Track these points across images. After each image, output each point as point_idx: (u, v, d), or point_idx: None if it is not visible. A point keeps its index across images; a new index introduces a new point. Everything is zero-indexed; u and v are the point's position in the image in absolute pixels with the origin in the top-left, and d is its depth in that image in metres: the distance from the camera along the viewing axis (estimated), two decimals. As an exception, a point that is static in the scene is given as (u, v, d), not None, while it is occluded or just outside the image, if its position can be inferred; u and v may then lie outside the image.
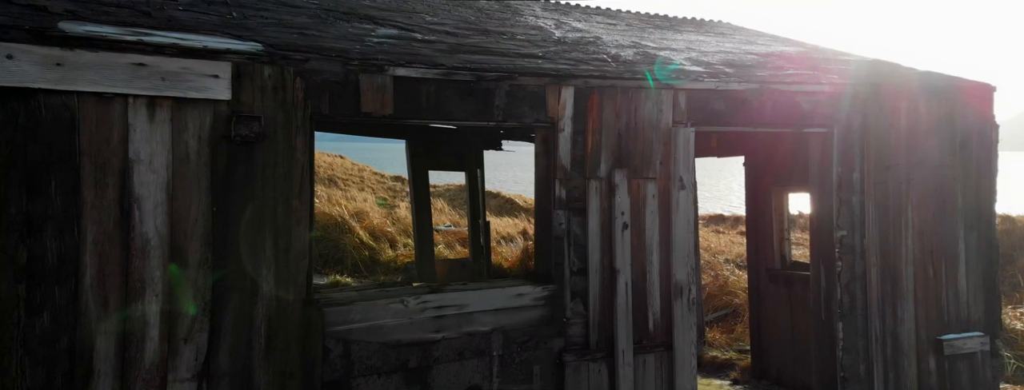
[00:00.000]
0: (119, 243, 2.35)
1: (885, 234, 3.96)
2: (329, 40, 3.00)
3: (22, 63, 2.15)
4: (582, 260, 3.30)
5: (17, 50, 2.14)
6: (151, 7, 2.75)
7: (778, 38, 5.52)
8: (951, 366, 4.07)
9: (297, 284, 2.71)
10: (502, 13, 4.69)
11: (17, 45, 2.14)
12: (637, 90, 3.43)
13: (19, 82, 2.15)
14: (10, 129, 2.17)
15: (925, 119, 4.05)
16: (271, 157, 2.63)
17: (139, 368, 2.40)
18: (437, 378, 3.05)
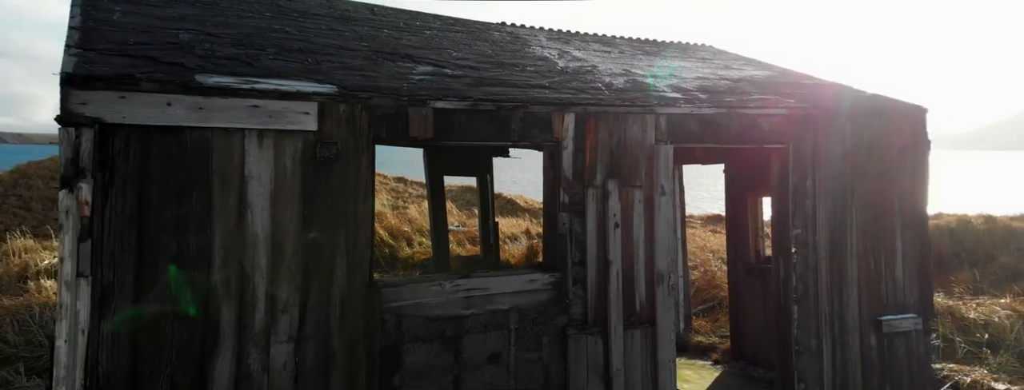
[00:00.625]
0: (238, 238, 3.17)
1: (833, 232, 4.77)
2: (383, 79, 3.82)
3: (176, 108, 2.97)
4: (582, 253, 4.11)
5: (173, 99, 2.96)
6: (250, 58, 3.56)
7: (752, 62, 6.33)
8: (889, 342, 4.89)
9: (362, 271, 3.52)
10: (513, 44, 5.50)
11: (173, 95, 2.96)
12: (626, 115, 4.24)
13: (174, 122, 2.96)
14: (166, 155, 2.99)
15: (867, 136, 4.86)
16: (344, 173, 3.44)
17: (251, 332, 3.21)
18: (467, 346, 3.86)
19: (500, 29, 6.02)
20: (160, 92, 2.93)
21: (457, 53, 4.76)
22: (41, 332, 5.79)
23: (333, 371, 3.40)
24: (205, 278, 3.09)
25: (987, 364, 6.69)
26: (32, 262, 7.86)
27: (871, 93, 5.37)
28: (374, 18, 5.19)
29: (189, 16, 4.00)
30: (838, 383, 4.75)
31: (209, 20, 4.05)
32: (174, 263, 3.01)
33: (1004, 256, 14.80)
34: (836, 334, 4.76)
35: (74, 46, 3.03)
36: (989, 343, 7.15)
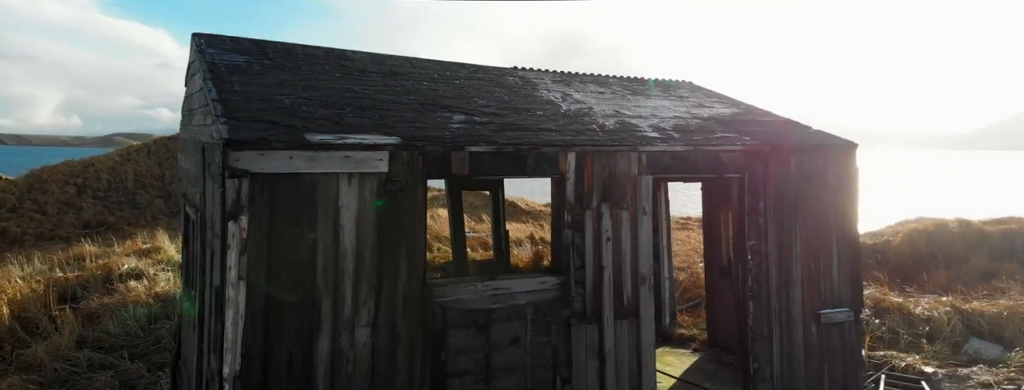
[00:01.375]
0: (333, 250, 4.39)
1: (781, 242, 6.00)
2: (430, 129, 5.04)
3: (296, 160, 4.20)
4: (581, 260, 5.33)
5: (293, 153, 4.19)
6: (337, 117, 4.79)
7: (723, 99, 7.57)
8: (826, 331, 6.11)
9: (418, 274, 4.74)
10: (524, 89, 6.73)
11: (293, 151, 4.18)
12: (615, 153, 5.47)
13: (294, 170, 4.20)
14: (287, 194, 4.21)
15: (808, 166, 6.10)
16: (405, 202, 4.67)
17: (342, 318, 4.43)
18: (494, 331, 5.08)
19: (513, 74, 7.26)
20: (285, 149, 4.16)
21: (482, 101, 5.99)
22: (136, 324, 7.00)
23: (398, 349, 4.63)
24: (311, 279, 4.32)
25: (923, 352, 7.94)
26: (114, 266, 9.05)
27: (815, 130, 6.60)
28: (414, 71, 6.42)
29: (284, 82, 5.23)
30: (784, 363, 5.98)
31: (298, 84, 5.27)
32: (291, 268, 4.24)
33: (976, 258, 16.17)
34: (783, 324, 5.99)
35: (222, 116, 4.26)
36: (928, 335, 8.40)
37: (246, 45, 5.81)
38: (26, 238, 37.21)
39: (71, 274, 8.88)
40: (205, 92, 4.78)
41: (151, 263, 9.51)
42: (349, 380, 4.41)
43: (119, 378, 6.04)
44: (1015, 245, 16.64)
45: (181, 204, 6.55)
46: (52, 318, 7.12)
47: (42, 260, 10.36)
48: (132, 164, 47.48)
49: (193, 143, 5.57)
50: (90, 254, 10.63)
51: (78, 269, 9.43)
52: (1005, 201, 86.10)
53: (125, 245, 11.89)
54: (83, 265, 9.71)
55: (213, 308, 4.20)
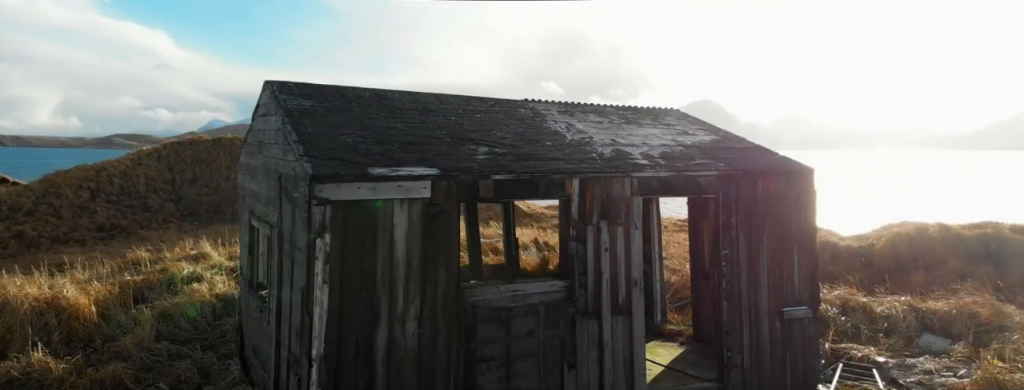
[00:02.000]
0: (388, 260, 5.58)
1: (750, 252, 7.19)
2: (461, 161, 6.23)
3: (362, 190, 5.39)
4: (584, 267, 6.51)
5: (360, 184, 5.37)
6: (388, 153, 5.97)
7: (705, 127, 8.77)
8: (788, 325, 7.30)
9: (454, 279, 5.92)
10: (534, 120, 7.93)
11: (360, 183, 5.37)
12: (611, 178, 6.66)
13: (360, 197, 5.39)
14: (355, 216, 5.40)
15: (773, 188, 7.29)
16: (443, 221, 5.85)
17: (395, 314, 5.61)
18: (514, 325, 6.27)
19: (524, 105, 8.46)
20: (354, 182, 5.36)
21: (500, 133, 7.19)
22: (202, 320, 8.19)
23: (439, 338, 5.82)
24: (372, 283, 5.51)
25: (879, 344, 9.13)
26: (175, 270, 10.23)
27: (781, 156, 7.80)
28: (443, 107, 7.62)
29: (342, 122, 6.42)
30: (753, 353, 7.17)
31: (354, 123, 6.47)
32: (357, 275, 5.43)
33: (953, 261, 17.39)
34: (752, 320, 7.18)
35: (304, 156, 5.46)
36: (886, 330, 9.59)
37: (308, 90, 7.01)
38: (42, 241, 38.56)
39: (137, 277, 10.06)
40: (284, 133, 5.98)
41: (206, 267, 10.70)
42: (401, 362, 5.61)
43: (195, 366, 7.23)
44: (990, 248, 17.85)
45: (247, 218, 7.74)
46: (131, 315, 8.30)
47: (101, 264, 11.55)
48: (143, 168, 48.77)
49: (265, 171, 6.77)
50: (144, 259, 11.81)
51: (136, 273, 10.61)
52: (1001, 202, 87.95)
53: (174, 251, 13.06)
54: (140, 269, 10.89)
55: (299, 305, 5.39)
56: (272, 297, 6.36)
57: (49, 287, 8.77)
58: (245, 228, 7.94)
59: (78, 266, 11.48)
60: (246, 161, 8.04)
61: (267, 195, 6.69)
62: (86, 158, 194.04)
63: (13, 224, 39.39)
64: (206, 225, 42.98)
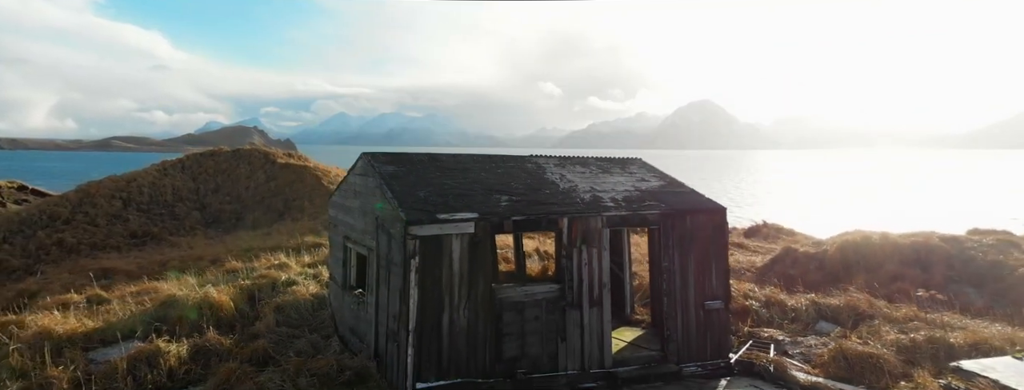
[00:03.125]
0: (449, 273, 9.10)
1: (682, 263, 10.73)
2: (491, 207, 9.76)
3: (433, 228, 8.92)
4: (570, 275, 10.04)
5: (433, 226, 8.91)
6: (446, 203, 9.49)
7: (657, 174, 12.30)
8: (708, 314, 10.84)
9: (488, 283, 9.44)
10: (538, 172, 11.46)
11: (433, 224, 8.91)
12: (588, 217, 10.20)
13: (433, 233, 8.92)
14: (431, 246, 8.94)
15: (697, 221, 10.83)
16: (481, 248, 9.38)
17: (454, 305, 9.14)
18: (526, 313, 9.79)
19: (531, 161, 12.01)
20: (429, 223, 8.90)
21: (515, 184, 10.73)
22: (306, 313, 11.71)
23: (479, 321, 9.35)
24: (439, 286, 9.03)
25: (785, 329, 12.67)
26: (276, 277, 13.73)
27: (706, 198, 11.34)
28: (476, 165, 11.16)
29: (415, 182, 9.94)
30: (684, 333, 10.69)
31: (422, 181, 9.99)
32: (431, 281, 8.96)
33: (889, 265, 20.99)
34: (684, 310, 10.71)
35: (400, 207, 8.98)
36: (792, 318, 13.13)
37: (390, 158, 10.57)
38: (82, 247, 42.44)
39: (246, 282, 13.54)
40: (381, 189, 9.52)
41: (295, 274, 14.18)
42: (457, 335, 9.14)
43: (308, 342, 10.74)
44: (919, 254, 21.42)
45: (340, 241, 11.26)
46: (255, 309, 11.78)
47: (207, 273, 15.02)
48: (170, 179, 52.51)
49: (362, 212, 10.31)
50: (239, 269, 15.31)
51: (237, 279, 14.08)
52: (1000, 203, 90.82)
53: (261, 261, 16.57)
54: (238, 276, 14.37)
55: (397, 299, 8.92)
56: (372, 294, 9.90)
57: (198, 288, 12.25)
58: (338, 248, 11.49)
59: (191, 274, 14.99)
60: (339, 201, 11.58)
61: (363, 228, 10.24)
62: (84, 161, 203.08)
63: (53, 232, 43.20)
64: (229, 232, 46.63)
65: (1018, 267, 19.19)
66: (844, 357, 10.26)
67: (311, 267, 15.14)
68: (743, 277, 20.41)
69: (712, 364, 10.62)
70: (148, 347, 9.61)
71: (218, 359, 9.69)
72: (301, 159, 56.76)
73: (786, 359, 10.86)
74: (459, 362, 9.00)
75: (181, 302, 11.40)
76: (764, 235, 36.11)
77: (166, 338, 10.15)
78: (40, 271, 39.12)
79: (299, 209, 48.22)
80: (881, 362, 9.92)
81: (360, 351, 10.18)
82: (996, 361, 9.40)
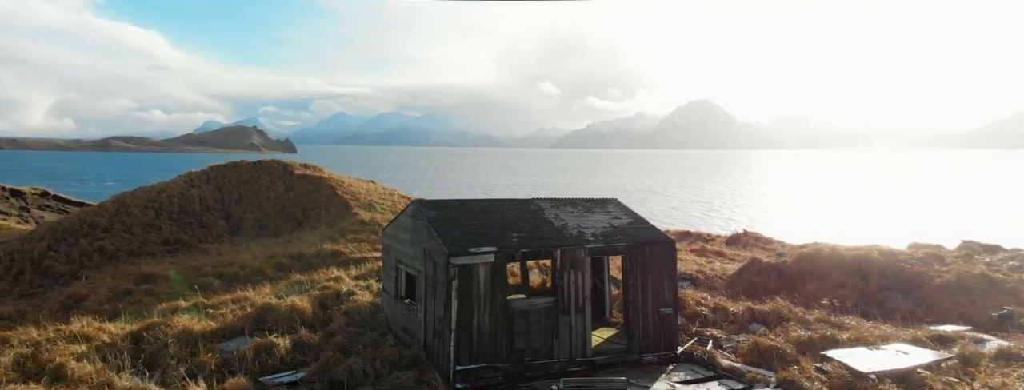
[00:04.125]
0: (477, 291, 13.14)
1: (643, 281, 14.78)
2: (506, 242, 13.80)
3: (466, 259, 12.96)
4: (562, 291, 14.07)
5: (467, 257, 12.97)
6: (474, 239, 13.52)
7: (627, 212, 16.33)
8: (662, 318, 14.89)
9: (505, 296, 13.47)
10: (539, 213, 15.50)
11: (466, 255, 12.96)
12: (575, 248, 14.24)
13: (466, 262, 12.96)
14: (465, 271, 12.99)
15: (654, 250, 14.87)
16: (499, 272, 13.41)
17: (479, 311, 13.17)
18: (531, 318, 13.81)
19: (533, 203, 16.04)
20: (464, 255, 12.93)
21: (522, 223, 14.77)
22: (366, 316, 15.75)
23: (498, 323, 13.38)
24: (470, 299, 13.07)
25: (724, 329, 16.72)
26: (338, 288, 17.75)
27: (661, 231, 15.35)
28: (493, 208, 15.18)
29: (452, 224, 13.94)
30: (644, 331, 14.72)
31: (457, 222, 14.00)
32: (465, 296, 12.99)
33: (836, 274, 25.10)
34: (644, 315, 14.75)
35: (444, 244, 13.00)
36: (731, 320, 17.16)
37: (433, 204, 14.60)
38: (120, 254, 46.80)
39: (317, 292, 17.54)
40: (428, 230, 13.55)
41: (352, 286, 18.17)
42: (483, 333, 13.16)
43: (371, 338, 14.75)
44: (860, 265, 25.50)
45: (392, 262, 15.30)
46: (327, 313, 15.80)
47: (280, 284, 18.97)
48: (197, 190, 56.80)
49: (412, 243, 14.34)
50: (303, 280, 19.31)
51: (304, 290, 18.08)
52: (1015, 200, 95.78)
53: (318, 274, 20.61)
54: (301, 287, 18.37)
55: (441, 308, 12.95)
56: (421, 303, 13.92)
57: (280, 297, 16.28)
58: (391, 268, 15.53)
59: (267, 285, 19.00)
60: (392, 234, 15.63)
61: (413, 255, 14.28)
62: (84, 161, 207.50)
63: (94, 240, 47.56)
64: (253, 239, 50.84)
65: (936, 277, 23.33)
66: (757, 349, 14.32)
67: (361, 279, 19.15)
68: (715, 284, 24.52)
69: (664, 354, 14.67)
70: (263, 341, 13.65)
71: (311, 350, 13.74)
72: (316, 170, 60.92)
73: (718, 351, 14.92)
74: (484, 351, 13.06)
75: (275, 308, 15.43)
76: (743, 243, 40.25)
77: (273, 334, 14.20)
78: (84, 276, 43.54)
79: (316, 217, 52.40)
80: (782, 352, 13.97)
81: (411, 344, 14.23)
82: (855, 351, 13.44)
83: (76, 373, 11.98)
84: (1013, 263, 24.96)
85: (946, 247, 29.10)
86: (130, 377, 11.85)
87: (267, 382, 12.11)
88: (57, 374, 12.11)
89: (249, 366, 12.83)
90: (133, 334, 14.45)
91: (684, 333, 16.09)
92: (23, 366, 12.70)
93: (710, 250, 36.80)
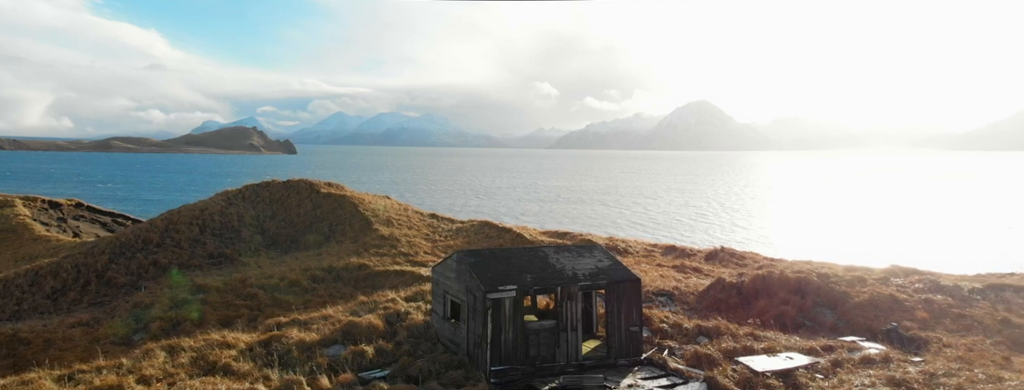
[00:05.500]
0: (504, 315, 19.45)
1: (618, 307, 21.11)
2: (523, 281, 20.10)
3: (497, 294, 19.27)
4: (563, 315, 20.40)
5: (497, 292, 19.27)
6: (501, 279, 19.83)
7: (608, 256, 22.63)
8: (631, 333, 21.22)
9: (522, 318, 19.78)
10: (545, 258, 21.83)
11: (497, 292, 19.26)
12: (570, 285, 20.57)
13: (497, 296, 19.27)
14: (496, 302, 19.31)
15: (625, 285, 21.20)
16: (519, 304, 19.72)
17: (506, 328, 19.50)
18: (541, 334, 20.13)
19: (543, 250, 22.37)
20: (495, 292, 19.25)
21: (535, 266, 21.10)
22: (422, 331, 22.06)
23: (518, 337, 19.69)
24: (500, 322, 19.37)
25: (677, 340, 23.08)
26: (398, 308, 24.08)
27: (631, 272, 21.65)
28: (513, 255, 21.48)
29: (486, 267, 20.20)
30: (618, 343, 21.03)
31: (488, 266, 20.26)
32: (495, 319, 19.30)
33: (781, 293, 31.43)
34: (618, 331, 21.08)
35: (481, 284, 19.29)
36: (684, 334, 23.54)
37: (472, 253, 20.88)
38: (172, 266, 53.43)
39: (381, 311, 23.76)
40: (469, 272, 19.84)
41: (407, 307, 24.36)
42: (508, 345, 19.46)
43: (427, 348, 21.02)
44: (801, 285, 31.84)
45: (441, 292, 21.62)
46: (392, 328, 22.06)
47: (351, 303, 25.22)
48: (235, 207, 63.33)
49: (457, 279, 20.64)
50: (366, 301, 25.57)
51: (367, 311, 24.32)
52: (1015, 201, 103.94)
53: (376, 296, 26.90)
54: (368, 307, 24.60)
55: (480, 327, 19.23)
56: (464, 323, 20.20)
57: (355, 314, 22.60)
58: (439, 296, 21.87)
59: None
60: (441, 271, 21.96)
61: (458, 289, 20.59)
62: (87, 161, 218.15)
63: (149, 254, 54.25)
64: (287, 252, 57.42)
65: (856, 297, 29.74)
66: (697, 355, 20.63)
67: (411, 301, 25.41)
68: (688, 299, 30.76)
69: (632, 359, 21.00)
70: (356, 348, 19.94)
71: (389, 355, 20.04)
72: (339, 188, 67.43)
73: (671, 356, 21.26)
74: (509, 357, 19.37)
75: (358, 324, 21.71)
76: (719, 259, 46.58)
77: (361, 344, 20.49)
78: (144, 287, 50.21)
79: (342, 233, 58.95)
80: (713, 358, 20.28)
81: (456, 352, 20.52)
82: (758, 357, 19.74)
83: (240, 370, 18.25)
84: (919, 285, 31.35)
85: (875, 269, 35.57)
86: (279, 372, 18.13)
87: (366, 377, 18.40)
88: (226, 370, 18.39)
89: (350, 366, 19.11)
90: (262, 342, 20.75)
91: (648, 344, 22.43)
92: (198, 364, 18.98)
93: (689, 266, 43.22)
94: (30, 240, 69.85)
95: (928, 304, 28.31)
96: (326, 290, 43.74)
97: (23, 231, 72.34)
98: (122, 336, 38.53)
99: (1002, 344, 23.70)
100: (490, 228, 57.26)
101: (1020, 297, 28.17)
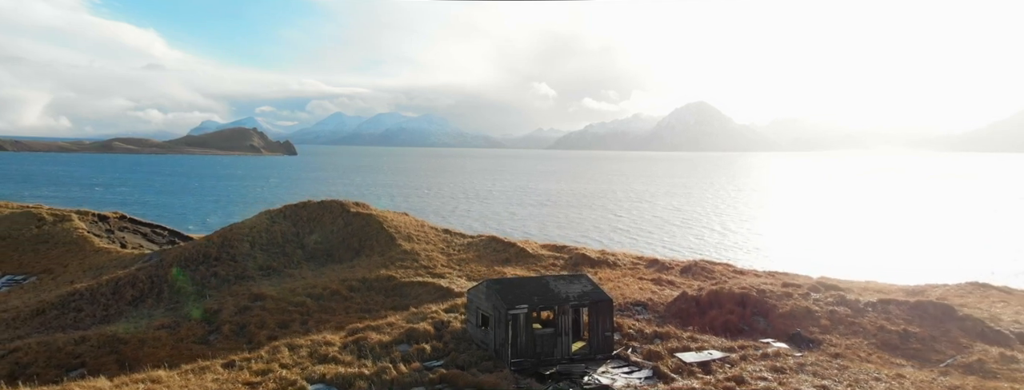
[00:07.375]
0: (519, 325, 28.96)
1: (597, 319, 30.65)
2: (532, 302, 29.60)
3: (514, 311, 28.80)
4: (560, 323, 29.90)
5: (514, 310, 28.78)
6: (517, 299, 29.32)
7: (590, 281, 32.12)
8: (606, 336, 30.75)
9: (531, 327, 29.26)
10: (547, 285, 31.34)
11: (512, 310, 28.77)
12: (565, 304, 30.09)
13: (515, 312, 28.83)
14: (526, 314, 28.85)
15: (601, 305, 30.74)
16: (529, 317, 29.21)
17: (520, 333, 29.01)
18: (545, 337, 29.64)
19: (545, 279, 31.88)
20: (513, 309, 28.76)
21: (539, 291, 30.62)
22: (460, 334, 31.58)
23: (528, 339, 29.19)
24: (516, 329, 28.87)
25: (639, 341, 32.69)
26: (441, 318, 33.63)
27: (606, 293, 31.12)
28: (525, 283, 30.93)
29: (506, 292, 29.63)
30: (597, 343, 30.52)
31: (508, 291, 29.70)
32: (513, 326, 28.82)
33: (729, 305, 41.12)
34: (597, 335, 30.60)
35: (503, 302, 28.77)
36: (646, 337, 33.15)
37: (496, 281, 30.33)
38: (230, 277, 63.41)
39: (430, 320, 33.11)
40: (494, 295, 29.32)
41: (446, 316, 33.58)
42: (523, 344, 28.96)
43: (465, 345, 30.47)
44: (744, 299, 41.37)
45: (474, 307, 31.13)
46: (439, 332, 31.41)
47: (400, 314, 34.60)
48: (277, 225, 73.04)
49: (486, 298, 30.13)
50: (416, 312, 34.94)
51: (416, 320, 33.65)
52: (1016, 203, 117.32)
53: (423, 308, 36.34)
54: (415, 316, 33.93)
55: (503, 332, 28.72)
56: (491, 330, 29.67)
57: (411, 322, 31.97)
58: (473, 309, 31.39)
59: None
60: (474, 292, 31.49)
61: (487, 306, 30.10)
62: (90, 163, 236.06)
63: (210, 267, 64.02)
64: (323, 265, 67.10)
65: (781, 308, 39.36)
66: (651, 352, 30.10)
67: (449, 312, 34.77)
68: (659, 308, 40.17)
69: (606, 355, 30.50)
70: (418, 346, 29.39)
71: (440, 351, 29.51)
72: (365, 207, 76.99)
73: (633, 353, 30.76)
74: (522, 353, 28.90)
75: (417, 329, 31.12)
76: (693, 273, 56.00)
77: (420, 343, 29.94)
78: (208, 295, 59.94)
79: (370, 248, 68.53)
80: (661, 354, 29.74)
81: (486, 350, 29.99)
82: (689, 353, 29.17)
83: (344, 359, 27.71)
84: (830, 299, 40.83)
85: (804, 284, 45.12)
86: (371, 362, 27.58)
87: (428, 365, 27.86)
88: (335, 360, 27.86)
89: (416, 358, 28.55)
90: (349, 342, 30.21)
91: (619, 344, 31.92)
92: (313, 356, 28.45)
93: (664, 279, 52.67)
94: (92, 252, 79.54)
95: (832, 314, 37.81)
96: (362, 298, 53.18)
97: (84, 243, 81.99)
98: (200, 336, 48.07)
99: (874, 344, 33.29)
100: (497, 243, 66.88)
101: (900, 310, 37.73)
